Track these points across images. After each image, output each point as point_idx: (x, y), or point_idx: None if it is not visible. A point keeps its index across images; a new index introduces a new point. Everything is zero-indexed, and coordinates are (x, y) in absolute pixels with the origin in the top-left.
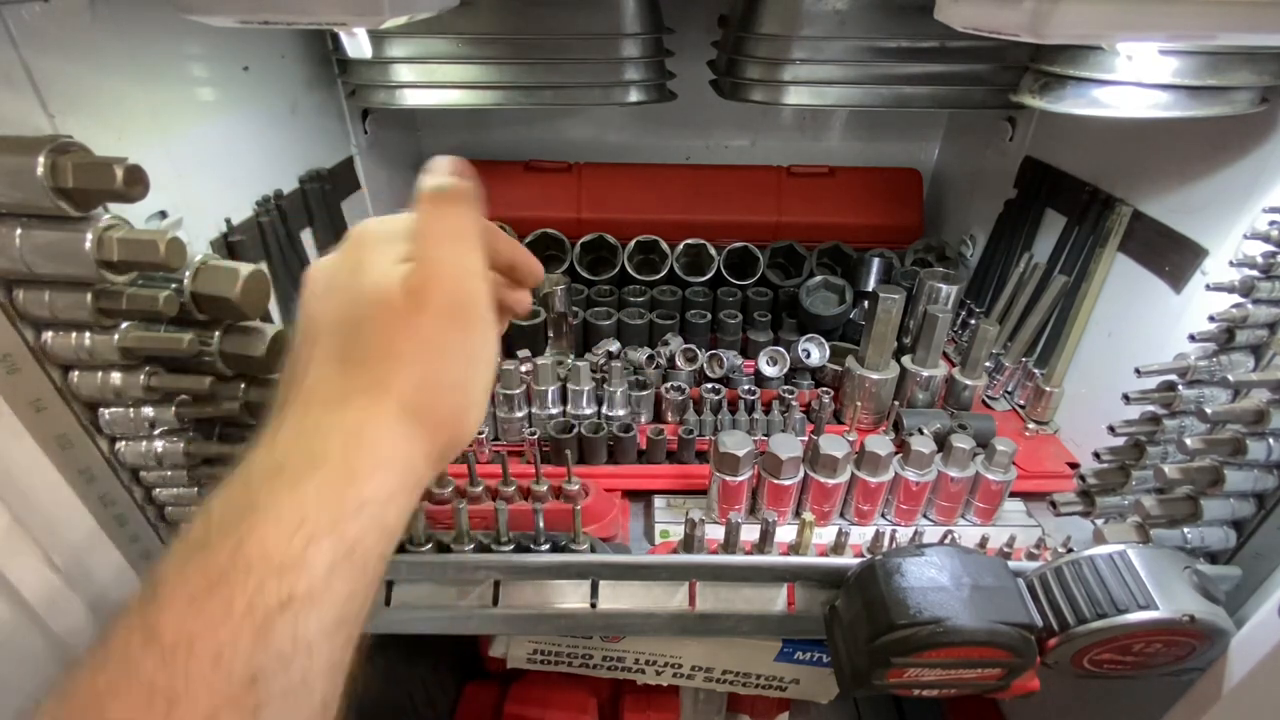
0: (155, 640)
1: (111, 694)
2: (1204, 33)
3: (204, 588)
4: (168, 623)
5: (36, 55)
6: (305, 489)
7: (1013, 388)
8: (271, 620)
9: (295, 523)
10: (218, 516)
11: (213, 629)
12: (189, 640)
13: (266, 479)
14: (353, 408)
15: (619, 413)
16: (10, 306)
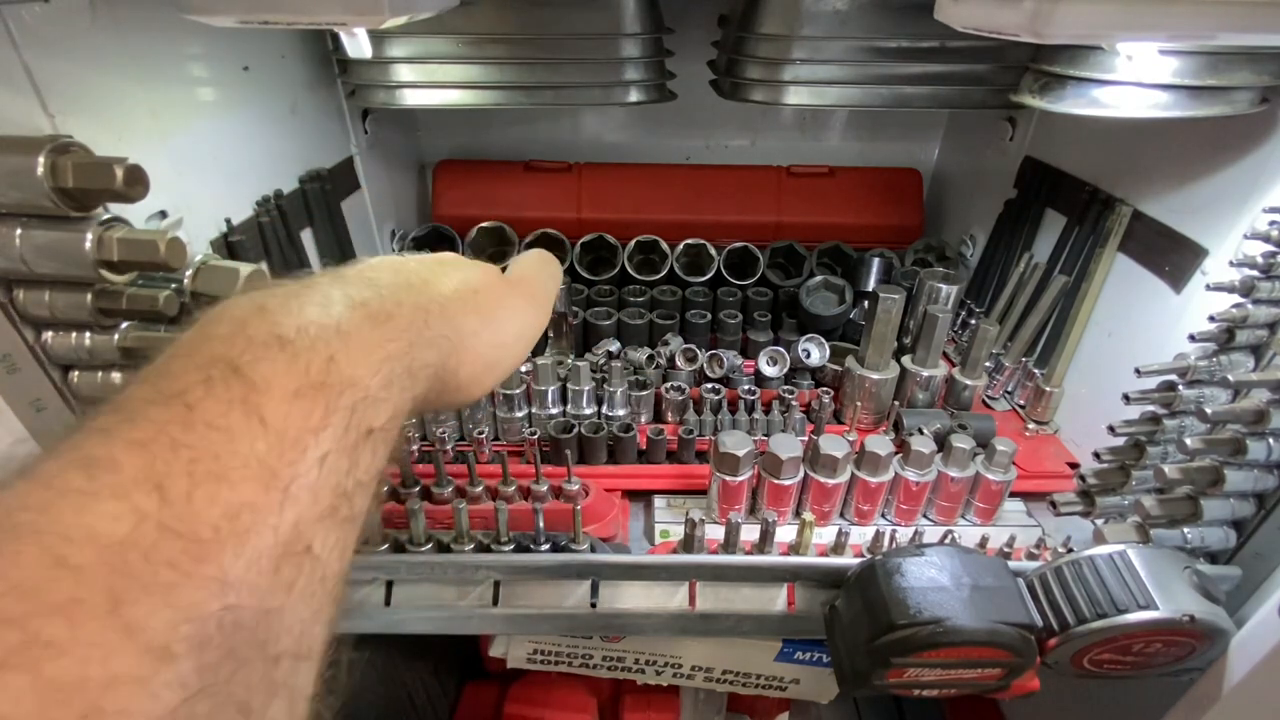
0: (262, 422)
1: (221, 462)
2: (1204, 33)
3: (302, 389)
4: (273, 411)
5: (37, 55)
6: (388, 329)
7: (1013, 388)
8: (359, 446)
9: (380, 357)
10: (294, 324)
11: (314, 433)
12: (295, 436)
13: (349, 305)
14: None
15: (619, 413)
16: (10, 306)
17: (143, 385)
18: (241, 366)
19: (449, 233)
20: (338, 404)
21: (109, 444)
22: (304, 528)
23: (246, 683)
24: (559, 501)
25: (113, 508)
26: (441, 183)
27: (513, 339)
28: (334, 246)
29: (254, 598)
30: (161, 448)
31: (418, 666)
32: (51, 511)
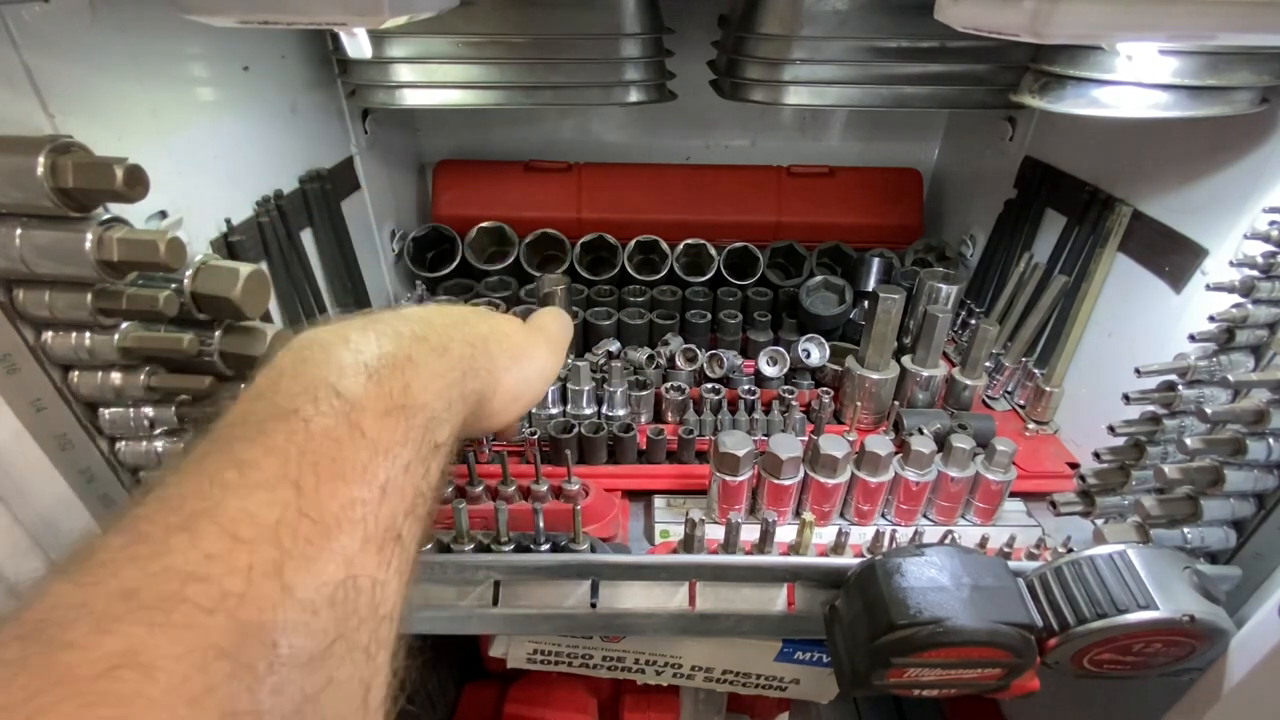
0: (363, 435)
1: (337, 465)
2: (1204, 33)
3: (390, 409)
4: (369, 426)
5: (37, 55)
6: (446, 362)
7: (1013, 388)
8: (429, 460)
9: (442, 385)
10: (374, 354)
11: (401, 445)
12: (387, 446)
13: (415, 340)
14: (478, 350)
15: (619, 413)
16: (10, 306)
17: (258, 401)
18: (339, 388)
19: (449, 233)
20: (414, 422)
21: (251, 449)
22: (396, 519)
23: (366, 633)
24: (559, 501)
25: (265, 497)
26: (441, 183)
27: (535, 376)
28: (334, 246)
29: (367, 571)
30: (292, 453)
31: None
32: (220, 500)
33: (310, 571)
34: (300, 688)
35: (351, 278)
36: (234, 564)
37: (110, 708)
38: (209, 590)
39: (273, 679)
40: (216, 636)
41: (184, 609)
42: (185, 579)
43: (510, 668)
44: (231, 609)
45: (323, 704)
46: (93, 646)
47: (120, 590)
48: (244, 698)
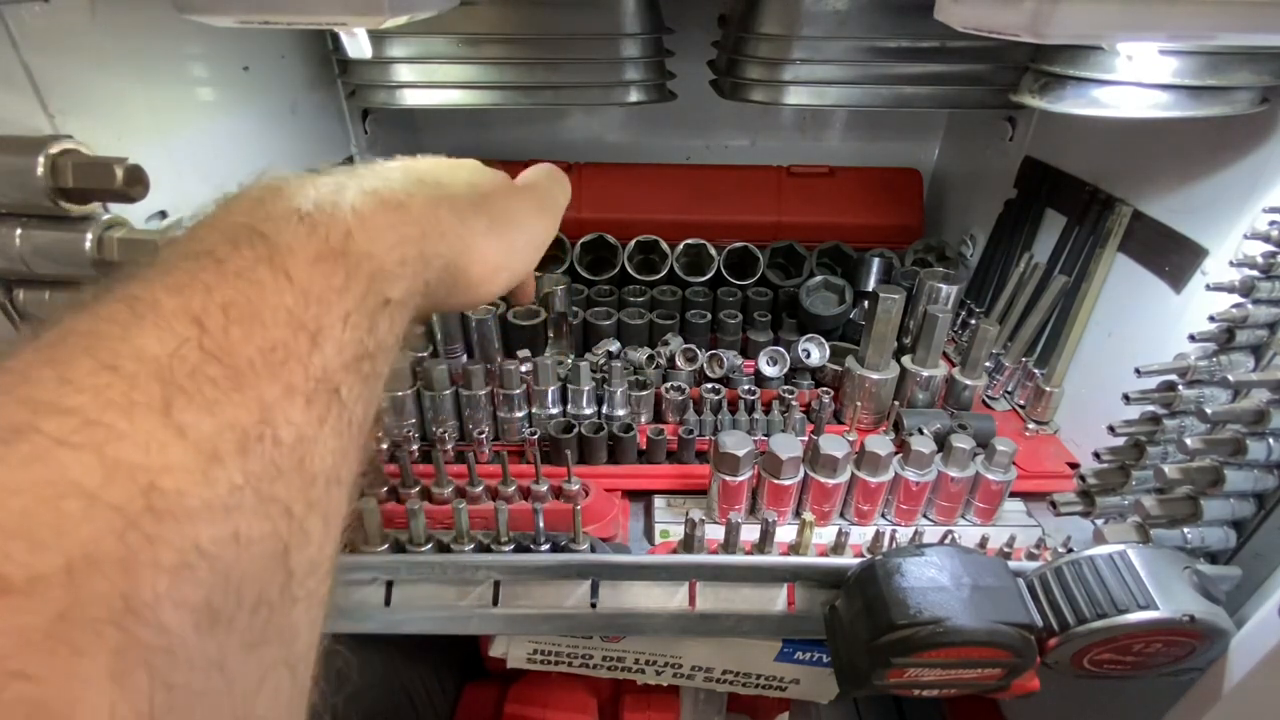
0: (289, 279)
1: (254, 306)
2: (1204, 33)
3: (324, 254)
4: (297, 270)
5: (36, 55)
6: (401, 216)
7: (1013, 388)
8: (375, 315)
9: (394, 239)
10: (310, 201)
11: (338, 295)
12: (319, 294)
13: (363, 193)
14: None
15: (619, 413)
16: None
17: (171, 247)
18: (265, 232)
19: None
20: (357, 271)
21: (149, 288)
22: (331, 373)
23: (287, 489)
24: (559, 501)
25: (156, 333)
26: None
27: (522, 243)
28: None
29: (289, 421)
30: (197, 291)
31: (418, 666)
32: (101, 334)
33: (211, 413)
34: (189, 537)
35: None
36: (108, 396)
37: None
38: (68, 421)
39: (149, 523)
40: (75, 472)
41: (34, 440)
42: (39, 408)
43: (510, 668)
44: (98, 443)
45: (222, 558)
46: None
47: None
48: (107, 541)
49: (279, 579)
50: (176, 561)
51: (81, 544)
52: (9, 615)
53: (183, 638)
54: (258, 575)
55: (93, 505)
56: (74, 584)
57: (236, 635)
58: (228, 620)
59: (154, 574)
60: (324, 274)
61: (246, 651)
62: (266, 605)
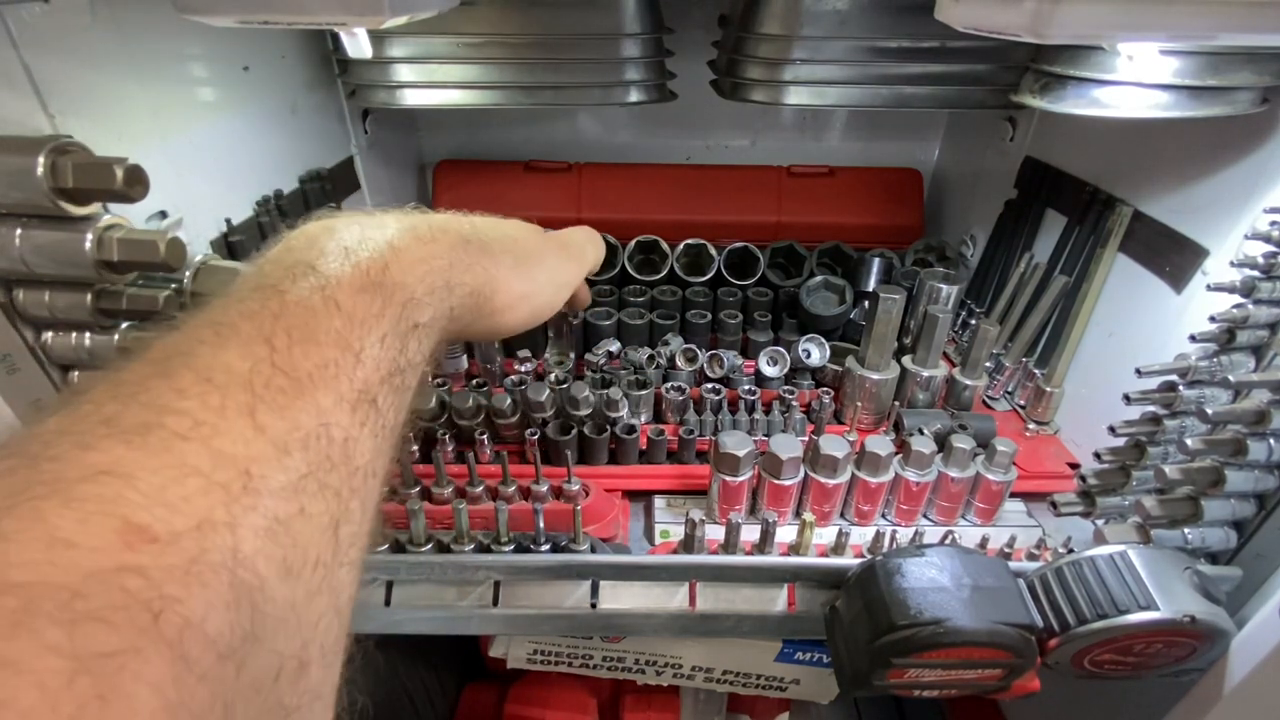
0: (337, 306)
1: (310, 330)
2: (1204, 33)
3: (365, 285)
4: (344, 298)
5: (36, 55)
6: (431, 249)
7: (1013, 388)
8: (407, 337)
9: (424, 270)
10: (356, 239)
11: (376, 320)
12: (362, 318)
13: (401, 230)
14: (472, 245)
15: (620, 413)
16: (10, 306)
17: (243, 280)
18: (317, 266)
19: None
20: (392, 299)
21: (228, 314)
22: (370, 385)
23: (337, 478)
24: (559, 502)
25: (239, 351)
26: (441, 183)
27: (544, 279)
28: None
29: (339, 424)
30: (266, 317)
31: (418, 666)
32: (196, 352)
33: (283, 416)
34: (272, 510)
35: None
36: (207, 401)
37: (93, 504)
38: (183, 420)
39: (246, 499)
40: (192, 458)
41: (160, 433)
42: (161, 410)
43: (510, 668)
44: (205, 437)
45: (294, 528)
46: (75, 460)
47: (101, 419)
48: (219, 510)
49: (331, 546)
50: (265, 527)
51: (203, 510)
52: (159, 557)
53: (270, 582)
54: (317, 542)
55: (208, 483)
56: (200, 539)
57: (303, 585)
58: (297, 573)
59: (252, 535)
60: (365, 302)
61: (309, 598)
62: (323, 565)
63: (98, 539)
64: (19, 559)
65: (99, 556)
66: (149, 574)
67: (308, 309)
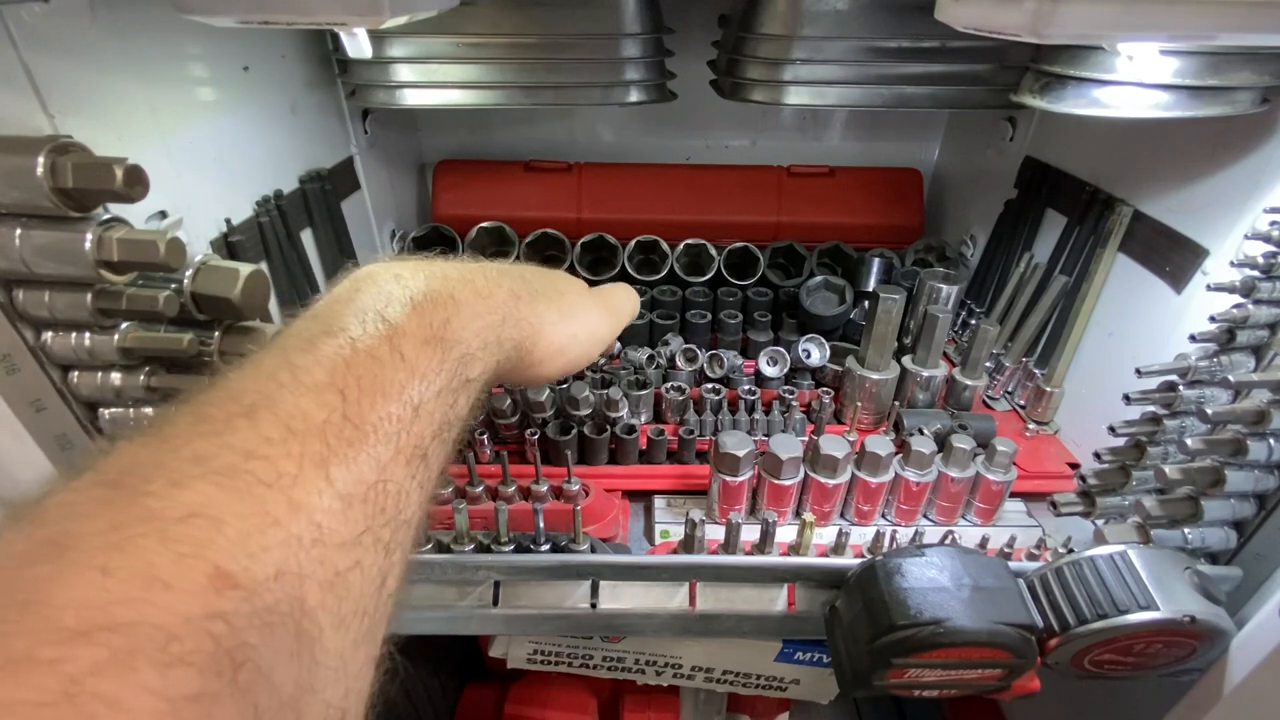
0: (402, 358)
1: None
2: (1204, 33)
3: (428, 338)
4: (409, 350)
5: (36, 55)
6: (488, 305)
7: (1013, 388)
8: (458, 392)
9: (480, 325)
10: (421, 289)
11: (436, 372)
12: (424, 372)
13: (462, 282)
14: (523, 300)
15: (619, 413)
16: (10, 306)
17: (311, 320)
18: (386, 316)
19: (449, 233)
20: (450, 355)
21: (304, 357)
22: (424, 440)
23: (389, 532)
24: (559, 502)
25: (315, 399)
26: (441, 183)
27: (584, 334)
28: (334, 247)
29: (395, 479)
30: (339, 365)
31: (418, 666)
32: (276, 396)
33: (349, 469)
34: (334, 564)
35: None
36: (289, 450)
37: (187, 546)
38: (267, 468)
39: (315, 551)
40: (272, 507)
41: (246, 479)
42: (247, 455)
43: (510, 668)
44: (285, 487)
45: (350, 581)
46: (170, 497)
47: (192, 456)
48: (292, 561)
49: (376, 599)
50: (328, 580)
51: (280, 560)
52: (241, 604)
53: (326, 633)
54: (367, 595)
55: (287, 534)
56: (276, 588)
57: (350, 636)
58: (347, 625)
59: (316, 588)
60: (427, 355)
61: (354, 648)
62: (368, 617)
63: (190, 582)
64: (122, 596)
65: (191, 601)
66: (232, 620)
67: (376, 359)
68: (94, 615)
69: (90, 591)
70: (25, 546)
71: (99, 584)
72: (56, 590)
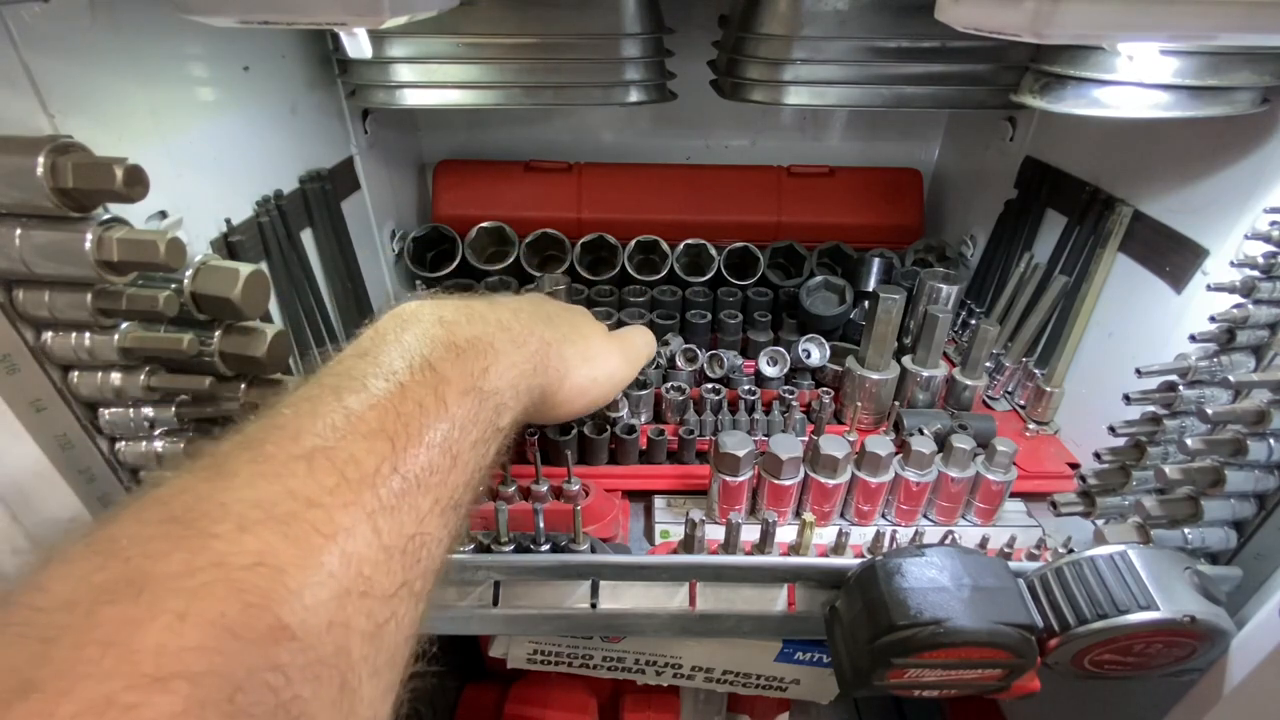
0: (445, 406)
1: (424, 431)
2: (1205, 33)
3: (469, 388)
4: (451, 399)
5: (36, 55)
6: (523, 354)
7: (1013, 388)
8: (490, 440)
9: (514, 375)
10: (465, 337)
11: (473, 422)
12: (463, 422)
13: (500, 329)
14: (553, 347)
15: (619, 413)
16: (10, 306)
17: (362, 360)
18: (434, 363)
19: (449, 233)
20: (486, 405)
21: (357, 400)
22: (458, 490)
23: (421, 583)
24: (559, 502)
25: (367, 445)
26: (441, 183)
27: (604, 377)
28: (334, 247)
29: (431, 531)
30: (389, 411)
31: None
32: (330, 442)
33: (394, 521)
34: (376, 617)
35: (352, 278)
36: (344, 499)
37: (252, 595)
38: (325, 517)
39: (364, 604)
40: (328, 559)
41: (304, 528)
42: (306, 503)
43: (510, 668)
44: (340, 540)
45: (387, 633)
46: (236, 541)
47: (254, 499)
48: (340, 614)
49: (405, 650)
50: (370, 632)
51: (332, 612)
52: (296, 656)
53: (364, 683)
54: (399, 645)
55: (339, 586)
56: (327, 640)
57: (382, 684)
58: (381, 674)
59: (360, 640)
60: (467, 405)
61: (383, 696)
62: (396, 667)
63: (256, 633)
64: (197, 644)
65: (254, 653)
66: (288, 673)
67: (422, 407)
68: (170, 663)
69: (167, 637)
70: (103, 579)
71: (176, 630)
72: (137, 634)
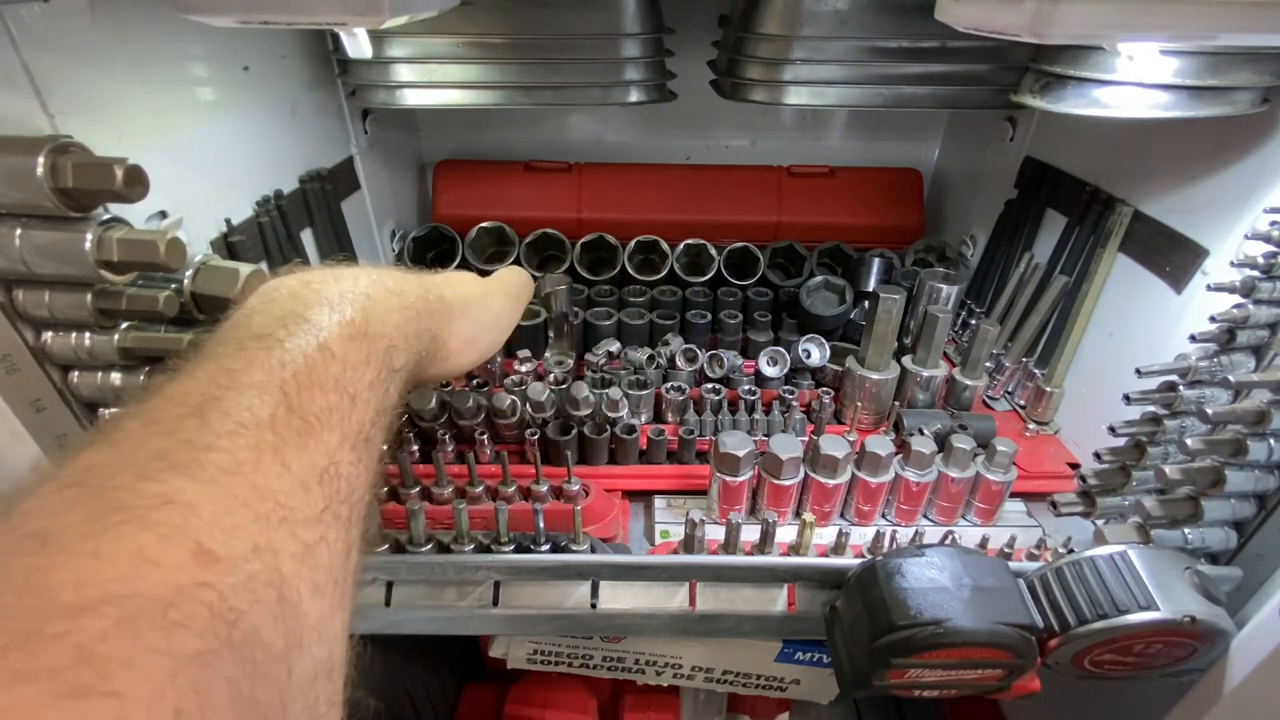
0: (332, 354)
1: (314, 376)
2: (1205, 33)
3: (353, 334)
4: (337, 346)
5: (36, 55)
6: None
7: (1013, 388)
8: (388, 381)
9: (398, 320)
10: (336, 293)
11: (365, 364)
12: (354, 364)
13: (372, 283)
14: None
15: (619, 413)
16: (10, 306)
17: (236, 328)
18: (309, 317)
19: (449, 233)
20: (375, 347)
21: (237, 361)
22: (364, 425)
23: (346, 509)
24: (559, 502)
25: (258, 396)
26: (441, 183)
27: (490, 321)
28: (334, 247)
29: (345, 461)
30: (274, 365)
31: (418, 666)
32: (222, 398)
33: (302, 454)
34: (302, 539)
35: None
36: (243, 441)
37: (166, 528)
38: (226, 458)
39: (284, 528)
40: (238, 490)
41: (209, 469)
42: (205, 448)
43: (510, 668)
44: (247, 473)
45: (319, 553)
46: (139, 490)
47: (151, 453)
48: (264, 537)
49: (344, 569)
50: (299, 553)
51: (253, 537)
52: (225, 576)
53: (305, 599)
54: (336, 566)
55: (255, 514)
56: (254, 561)
57: (327, 602)
58: (323, 593)
59: (290, 560)
60: (355, 349)
61: (331, 613)
62: (339, 586)
63: (176, 559)
64: (116, 574)
65: (180, 574)
66: (219, 589)
67: (308, 356)
68: (92, 592)
69: (84, 573)
70: (7, 541)
71: (91, 566)
72: (50, 574)
